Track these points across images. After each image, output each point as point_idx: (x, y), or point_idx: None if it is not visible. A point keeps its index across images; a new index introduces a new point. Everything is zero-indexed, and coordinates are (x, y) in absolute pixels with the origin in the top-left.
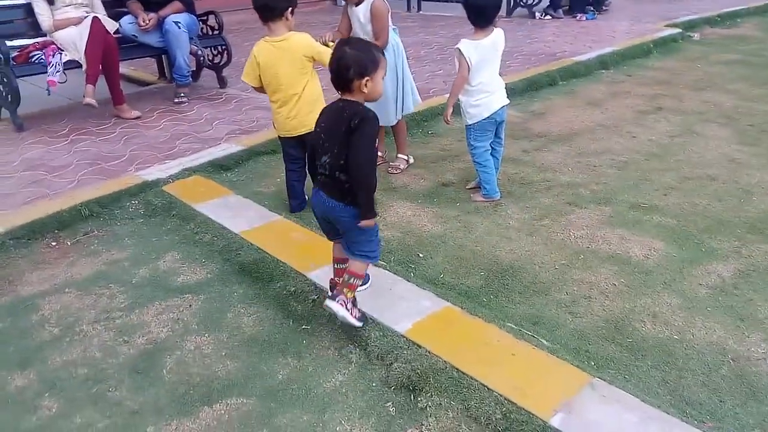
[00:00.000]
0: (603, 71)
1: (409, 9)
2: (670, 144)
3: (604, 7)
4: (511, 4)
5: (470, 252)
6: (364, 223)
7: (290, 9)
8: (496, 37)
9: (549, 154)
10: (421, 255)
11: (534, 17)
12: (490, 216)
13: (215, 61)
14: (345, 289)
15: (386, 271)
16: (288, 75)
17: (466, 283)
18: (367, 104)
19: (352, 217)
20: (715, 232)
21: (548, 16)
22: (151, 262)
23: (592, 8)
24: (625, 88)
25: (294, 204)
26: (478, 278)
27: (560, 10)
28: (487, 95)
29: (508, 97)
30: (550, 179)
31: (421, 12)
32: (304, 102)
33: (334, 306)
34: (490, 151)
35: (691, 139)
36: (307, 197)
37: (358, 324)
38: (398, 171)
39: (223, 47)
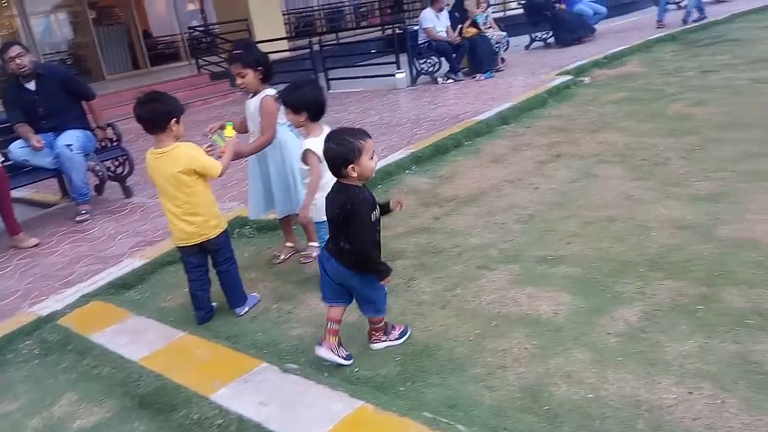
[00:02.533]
0: (504, 126)
1: None
2: (570, 190)
3: (500, 66)
4: (414, 73)
5: None
6: (385, 281)
7: (174, 119)
8: (328, 131)
9: (459, 218)
10: None
11: (437, 82)
12: (403, 294)
13: (117, 172)
14: (373, 333)
15: (296, 376)
16: (172, 186)
17: (382, 373)
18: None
19: (362, 283)
20: (619, 275)
21: (450, 80)
22: (45, 409)
23: (488, 68)
24: (526, 140)
25: (199, 315)
26: (394, 365)
27: (460, 73)
28: None
29: (418, 164)
30: (461, 244)
31: (331, 91)
32: (196, 210)
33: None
34: None
35: (589, 182)
36: (214, 305)
37: (401, 341)
38: (311, 260)
39: (124, 157)
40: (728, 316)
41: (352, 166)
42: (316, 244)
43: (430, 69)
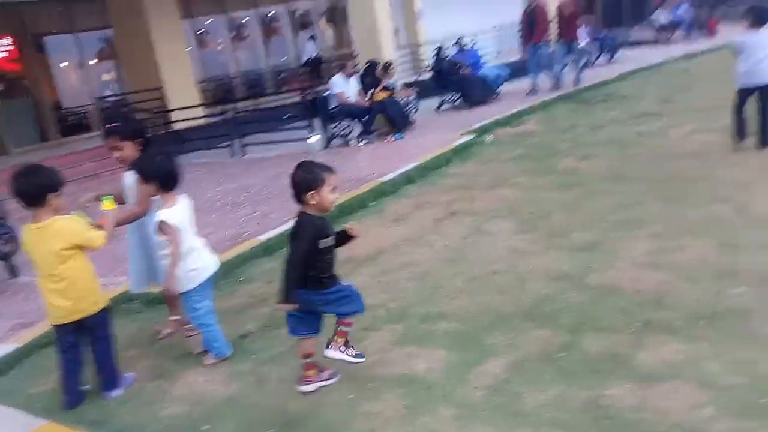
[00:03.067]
0: (409, 186)
1: (232, 156)
2: (462, 246)
3: (408, 128)
4: (327, 136)
5: (261, 409)
6: (279, 305)
7: (53, 192)
8: (185, 201)
9: (355, 277)
10: (205, 428)
11: (348, 145)
12: (286, 362)
13: (2, 251)
14: (336, 337)
15: None
16: (48, 262)
17: None
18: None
19: (316, 300)
20: (495, 328)
21: (362, 143)
22: None
23: (399, 129)
24: (428, 199)
25: (66, 400)
26: None
27: (372, 135)
28: (197, 255)
29: None
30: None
31: (246, 156)
32: (74, 287)
33: (332, 353)
34: (212, 307)
35: (480, 237)
36: (86, 388)
37: (357, 360)
38: (195, 332)
39: (9, 235)
40: (585, 363)
41: (312, 193)
42: (178, 317)
43: (342, 132)
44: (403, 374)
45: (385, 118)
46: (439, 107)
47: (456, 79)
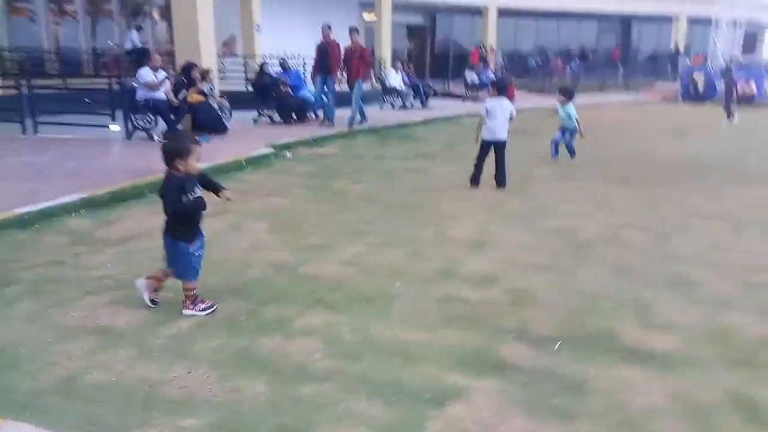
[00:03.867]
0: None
1: (24, 132)
2: (213, 238)
3: (222, 134)
4: (130, 128)
5: None
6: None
7: None
8: None
9: (98, 256)
10: None
11: (153, 140)
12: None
13: None
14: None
15: None
16: None
17: None
18: None
19: (169, 244)
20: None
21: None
22: None
23: (207, 133)
24: (213, 199)
25: None
26: None
27: None
28: None
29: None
30: (89, 276)
31: (37, 134)
32: None
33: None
34: None
35: (233, 233)
36: None
37: (204, 313)
38: None
39: None
40: (256, 324)
41: (179, 160)
42: None
43: (146, 126)
44: (105, 326)
45: (193, 120)
46: (257, 120)
47: (275, 95)
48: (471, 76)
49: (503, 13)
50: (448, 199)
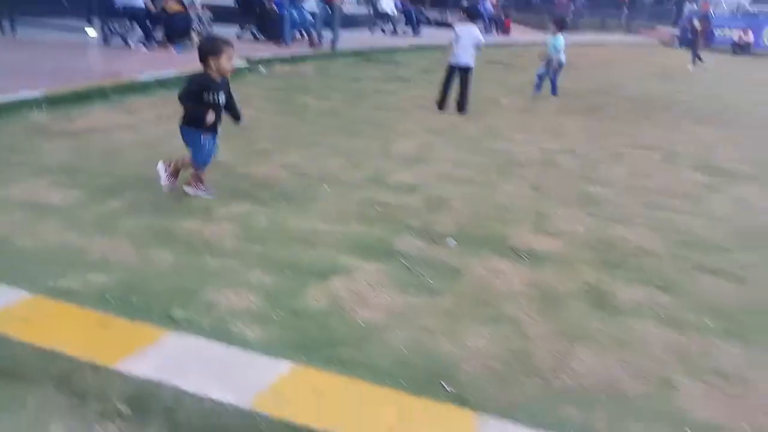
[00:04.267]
0: (160, 89)
1: (3, 33)
2: (158, 136)
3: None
4: (107, 33)
5: None
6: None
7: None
8: None
9: (51, 145)
10: None
11: (129, 46)
12: None
13: None
14: (191, 180)
15: None
16: None
17: None
18: None
19: (181, 130)
20: (111, 191)
21: (142, 46)
22: None
23: (183, 41)
24: (170, 101)
25: None
26: None
27: (153, 42)
28: None
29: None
30: (37, 162)
31: (17, 36)
32: None
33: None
34: None
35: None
36: None
37: (203, 194)
38: None
39: None
40: (181, 207)
41: (211, 58)
42: None
43: (122, 32)
44: (41, 203)
45: (167, 29)
46: (240, 35)
47: (259, 12)
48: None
49: None
50: (407, 119)
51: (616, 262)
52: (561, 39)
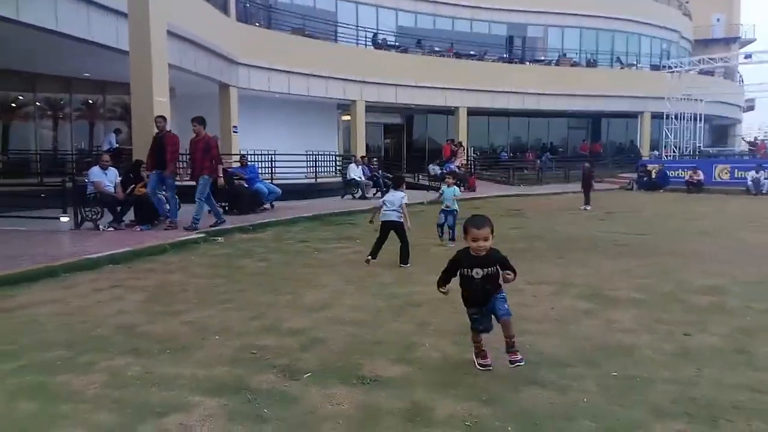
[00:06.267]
0: (110, 265)
1: None
2: (90, 305)
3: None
4: (79, 219)
5: None
6: None
7: None
8: None
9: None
10: None
11: (98, 229)
12: None
13: None
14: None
15: None
16: None
17: None
18: None
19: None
20: (92, 348)
21: (111, 229)
22: None
23: (156, 221)
24: (119, 276)
25: None
26: None
27: (122, 223)
28: None
29: None
30: None
31: None
32: None
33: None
34: None
35: (116, 302)
36: None
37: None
38: None
39: None
40: (65, 366)
41: (465, 236)
42: None
43: (93, 217)
44: None
45: (136, 211)
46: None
47: (229, 189)
48: (434, 168)
49: (474, 112)
50: (332, 273)
51: (452, 381)
52: (457, 189)
